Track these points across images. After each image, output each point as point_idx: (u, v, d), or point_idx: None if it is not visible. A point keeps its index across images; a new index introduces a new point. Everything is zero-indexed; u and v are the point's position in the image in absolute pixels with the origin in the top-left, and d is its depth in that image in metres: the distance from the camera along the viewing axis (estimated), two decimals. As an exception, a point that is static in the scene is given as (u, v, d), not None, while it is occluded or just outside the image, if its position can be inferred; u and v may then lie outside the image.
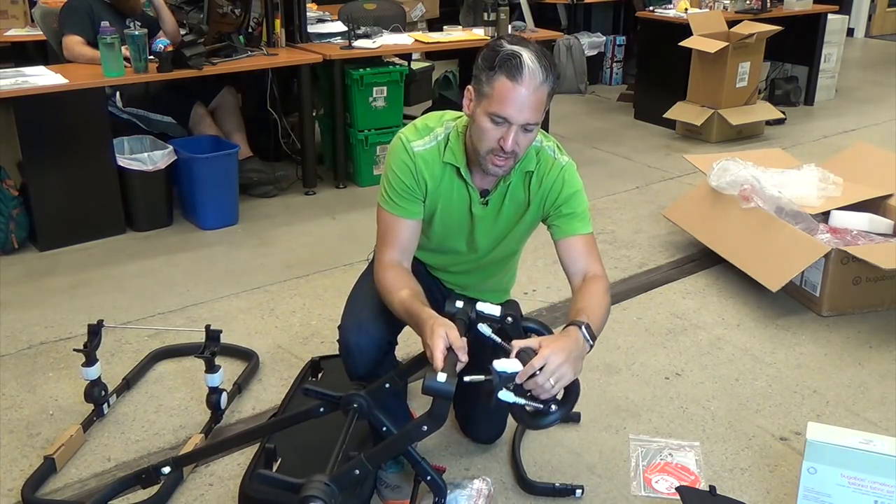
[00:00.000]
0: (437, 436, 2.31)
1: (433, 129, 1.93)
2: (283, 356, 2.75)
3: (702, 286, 3.30)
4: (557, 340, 1.66)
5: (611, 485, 2.15)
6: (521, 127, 1.75)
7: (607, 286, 1.91)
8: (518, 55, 1.71)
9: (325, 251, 3.60)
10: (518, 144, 1.77)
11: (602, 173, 4.70)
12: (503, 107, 1.73)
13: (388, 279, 1.88)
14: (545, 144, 1.95)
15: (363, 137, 4.28)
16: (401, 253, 1.93)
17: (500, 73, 1.72)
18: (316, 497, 1.58)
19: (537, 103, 1.74)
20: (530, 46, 1.75)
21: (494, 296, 2.12)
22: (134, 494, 2.06)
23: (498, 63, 1.72)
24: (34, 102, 3.40)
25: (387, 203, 1.93)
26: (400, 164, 1.90)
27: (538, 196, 1.95)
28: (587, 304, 1.81)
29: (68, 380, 2.59)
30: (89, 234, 3.66)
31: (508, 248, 2.10)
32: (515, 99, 1.71)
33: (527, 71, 1.70)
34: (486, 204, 1.96)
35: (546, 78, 1.73)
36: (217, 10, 3.94)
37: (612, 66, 6.96)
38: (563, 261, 1.95)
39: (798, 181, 3.43)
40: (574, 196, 1.94)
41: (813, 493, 1.91)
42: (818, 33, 6.11)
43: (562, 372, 1.60)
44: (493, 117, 1.75)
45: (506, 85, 1.71)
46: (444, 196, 1.95)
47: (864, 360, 2.77)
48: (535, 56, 1.72)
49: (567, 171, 1.95)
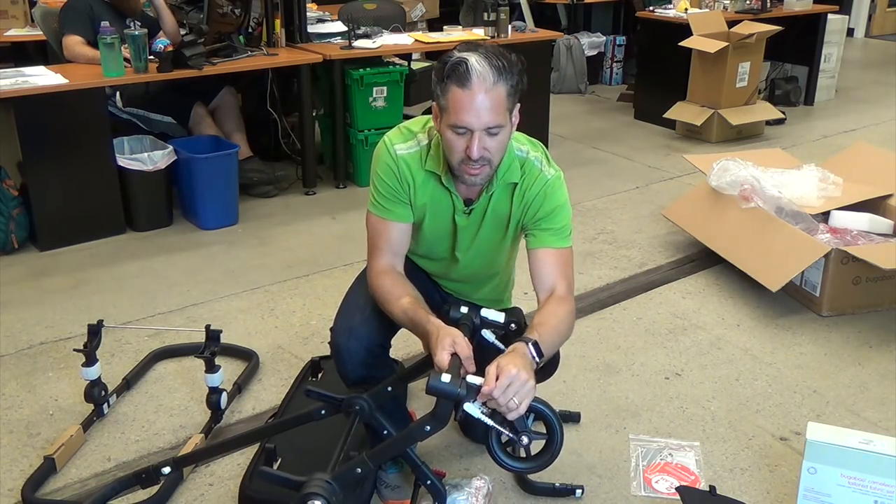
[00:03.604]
0: (437, 436, 2.30)
1: (416, 135, 1.92)
2: (283, 356, 2.75)
3: (702, 286, 3.30)
4: (507, 356, 1.64)
5: (611, 485, 2.15)
6: (485, 132, 1.72)
7: (571, 308, 1.87)
8: (464, 61, 1.68)
9: (325, 251, 3.60)
10: (487, 150, 1.75)
11: (602, 173, 4.70)
12: (459, 116, 1.71)
13: (384, 286, 1.86)
14: (531, 155, 1.91)
15: (363, 137, 4.28)
16: (392, 256, 1.91)
17: (451, 83, 1.70)
18: (317, 495, 1.58)
19: (494, 105, 1.70)
20: (480, 49, 1.72)
21: (490, 305, 2.10)
22: (134, 494, 2.06)
23: (447, 73, 1.71)
24: (34, 102, 3.40)
25: (374, 207, 1.93)
26: (384, 167, 1.90)
27: (520, 208, 1.92)
28: (543, 321, 1.78)
29: (68, 380, 2.59)
30: (89, 234, 3.66)
31: (492, 261, 2.08)
32: (470, 106, 1.69)
33: (475, 75, 1.67)
34: (468, 214, 1.94)
35: (499, 77, 1.69)
36: (217, 10, 3.94)
37: (612, 66, 6.96)
38: (531, 272, 1.91)
39: (798, 181, 3.43)
40: (555, 212, 1.91)
41: (813, 493, 1.91)
42: (818, 33, 6.11)
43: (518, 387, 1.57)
44: (455, 129, 1.73)
45: (457, 94, 1.69)
46: (431, 201, 1.93)
47: (864, 360, 2.77)
48: (482, 58, 1.69)
49: (552, 184, 1.90)
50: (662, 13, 5.67)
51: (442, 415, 1.65)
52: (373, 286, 1.90)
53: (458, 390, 1.60)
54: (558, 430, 1.67)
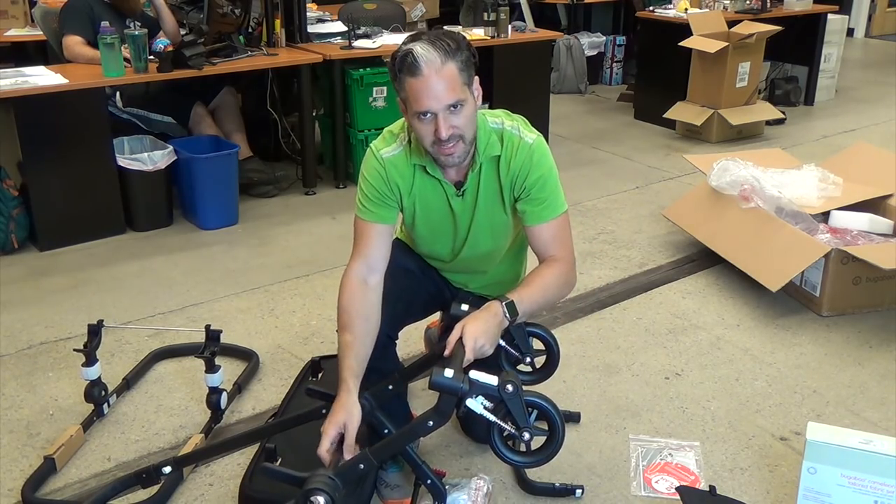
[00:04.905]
0: (437, 435, 2.31)
1: (397, 135, 1.98)
2: (283, 356, 2.75)
3: (702, 286, 3.30)
4: (478, 313, 1.81)
5: (611, 485, 2.15)
6: (447, 110, 1.78)
7: (562, 269, 1.98)
8: (410, 51, 1.75)
9: (325, 251, 3.60)
10: (455, 127, 1.81)
11: (602, 173, 4.70)
12: (420, 103, 1.77)
13: (342, 301, 1.90)
14: (507, 125, 1.96)
15: (363, 137, 4.28)
16: (367, 267, 1.94)
17: (404, 76, 1.78)
18: (320, 490, 1.59)
19: (448, 83, 1.76)
20: (423, 37, 1.79)
21: (505, 288, 2.09)
22: (134, 494, 2.06)
23: (398, 68, 1.78)
24: (34, 102, 3.40)
25: (360, 210, 2.00)
26: (371, 171, 1.97)
27: (508, 179, 1.97)
28: (528, 281, 1.95)
29: (68, 380, 2.59)
30: (89, 234, 3.66)
31: (497, 240, 2.10)
32: (426, 91, 1.76)
33: (422, 62, 1.74)
34: (462, 196, 1.99)
35: (447, 56, 1.76)
36: (217, 10, 3.94)
37: (612, 66, 6.96)
38: (531, 245, 2.04)
39: (798, 181, 3.43)
40: (541, 179, 1.95)
41: (813, 493, 1.91)
42: (818, 33, 6.11)
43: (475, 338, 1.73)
44: (419, 116, 1.80)
45: (412, 83, 1.76)
46: (420, 196, 1.99)
47: (864, 360, 2.77)
48: (427, 44, 1.76)
49: (535, 150, 1.95)
50: (662, 13, 5.67)
51: (444, 410, 1.66)
52: (341, 285, 1.94)
53: (461, 385, 1.61)
54: (560, 425, 1.68)
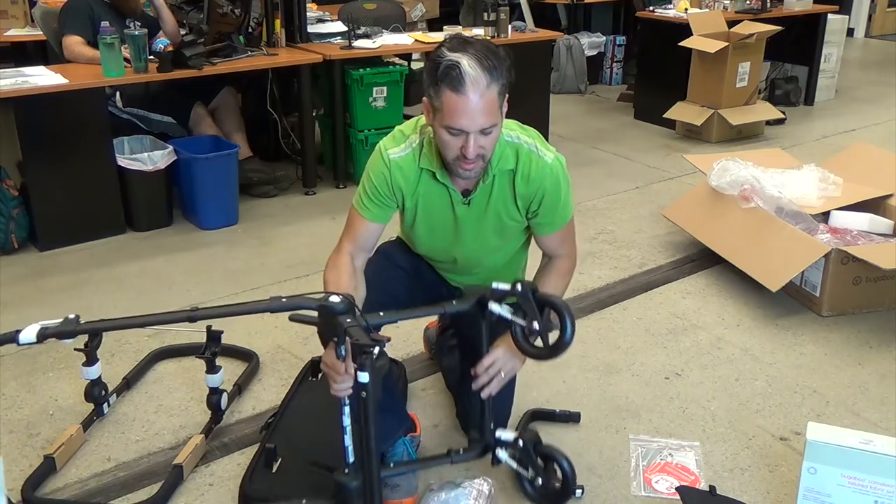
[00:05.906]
0: (437, 435, 2.32)
1: (408, 137, 1.97)
2: (283, 356, 2.75)
3: (702, 286, 3.30)
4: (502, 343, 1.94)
5: (611, 485, 2.14)
6: (479, 132, 1.77)
7: (567, 267, 2.10)
8: (457, 64, 1.71)
9: (326, 251, 3.54)
10: (482, 147, 1.80)
11: (602, 173, 4.70)
12: (455, 119, 1.75)
13: (330, 274, 1.99)
14: (524, 141, 1.96)
15: (363, 137, 4.28)
16: (355, 247, 2.03)
17: (445, 87, 1.73)
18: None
19: (488, 107, 1.74)
20: (470, 49, 1.74)
21: None
22: (134, 494, 2.07)
23: (440, 76, 1.73)
24: (34, 102, 3.40)
25: (357, 204, 2.01)
26: (377, 171, 1.97)
27: (524, 195, 1.97)
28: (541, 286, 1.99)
29: (68, 380, 2.59)
30: (89, 234, 3.66)
31: (501, 250, 2.11)
32: (465, 110, 1.73)
33: (468, 80, 1.70)
34: (468, 204, 1.99)
35: (491, 80, 1.73)
36: (217, 10, 3.94)
37: (612, 66, 6.96)
38: (540, 246, 2.12)
39: (798, 181, 3.43)
40: (560, 198, 1.99)
41: (813, 493, 1.91)
42: (818, 33, 6.11)
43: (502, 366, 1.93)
44: (449, 130, 1.78)
45: (452, 98, 1.73)
46: (424, 199, 1.99)
47: (864, 360, 2.77)
48: (475, 61, 1.71)
49: (554, 170, 1.96)
50: (662, 13, 5.67)
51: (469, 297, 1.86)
52: (328, 265, 2.02)
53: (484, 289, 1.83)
54: (569, 319, 1.75)
